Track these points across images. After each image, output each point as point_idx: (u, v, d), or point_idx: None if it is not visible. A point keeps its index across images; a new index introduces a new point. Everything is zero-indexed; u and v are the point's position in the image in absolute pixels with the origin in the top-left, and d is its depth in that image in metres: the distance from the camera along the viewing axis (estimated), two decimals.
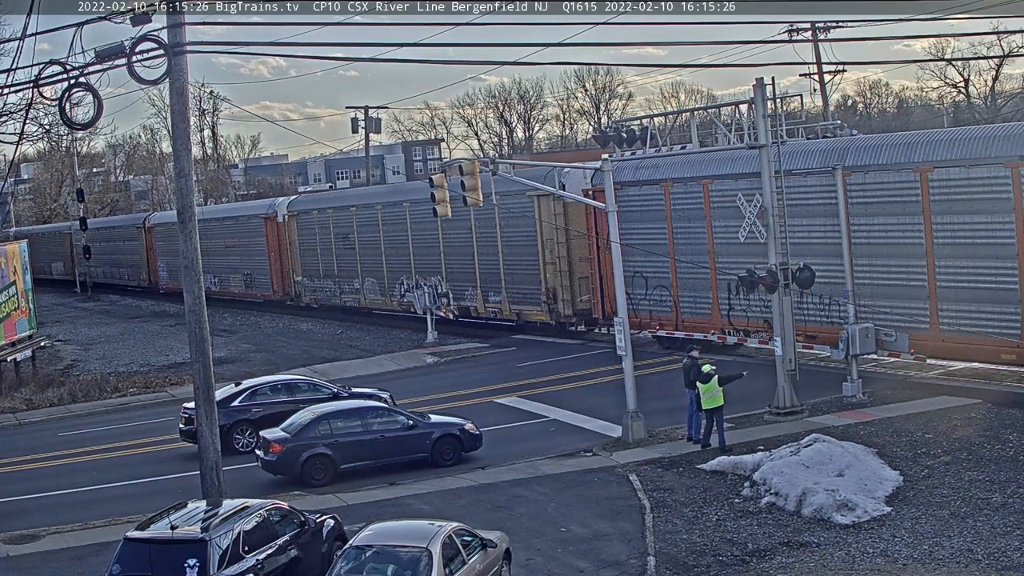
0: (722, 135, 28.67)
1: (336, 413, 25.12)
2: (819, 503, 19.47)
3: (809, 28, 55.98)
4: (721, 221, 32.82)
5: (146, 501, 22.76)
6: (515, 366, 36.63)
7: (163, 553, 15.45)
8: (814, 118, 47.03)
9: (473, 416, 26.88)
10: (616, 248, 26.18)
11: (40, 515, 23.55)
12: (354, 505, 21.92)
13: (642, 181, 35.47)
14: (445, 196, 26.30)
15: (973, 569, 16.56)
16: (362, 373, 37.92)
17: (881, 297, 28.18)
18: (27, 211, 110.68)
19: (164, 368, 43.24)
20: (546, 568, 17.93)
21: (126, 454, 29.25)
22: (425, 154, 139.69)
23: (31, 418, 35.70)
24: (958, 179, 26.11)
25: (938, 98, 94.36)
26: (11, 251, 42.37)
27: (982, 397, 25.96)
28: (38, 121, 43.48)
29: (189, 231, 20.14)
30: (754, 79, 26.13)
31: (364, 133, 71.54)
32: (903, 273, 27.63)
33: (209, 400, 20.29)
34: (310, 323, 53.85)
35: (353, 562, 15.38)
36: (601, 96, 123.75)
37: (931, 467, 21.29)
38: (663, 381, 30.59)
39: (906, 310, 27.54)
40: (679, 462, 23.32)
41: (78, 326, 61.30)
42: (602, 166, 26.44)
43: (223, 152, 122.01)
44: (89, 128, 28.50)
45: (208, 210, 69.06)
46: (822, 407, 26.47)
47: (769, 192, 26.18)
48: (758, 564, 17.55)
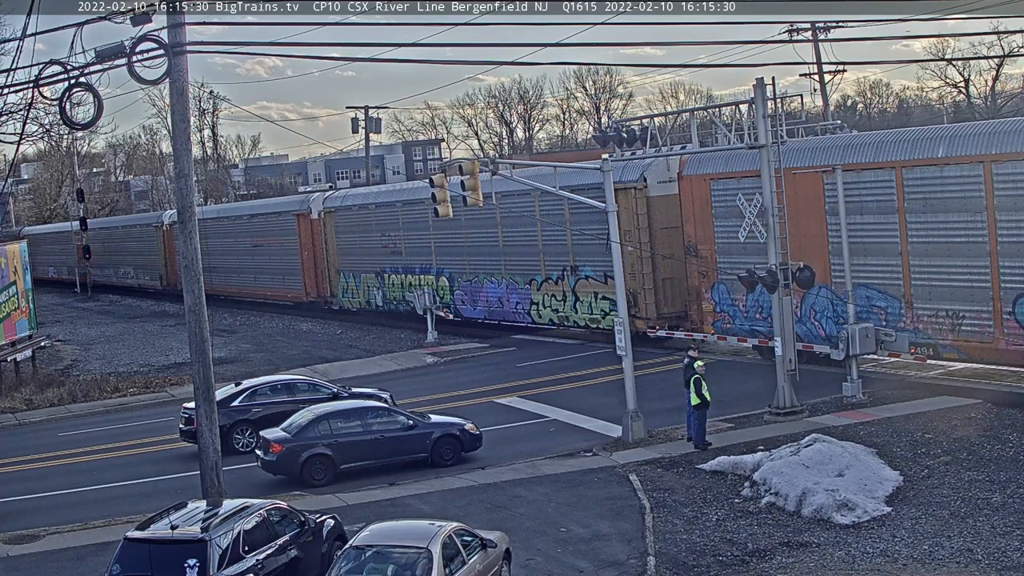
0: (722, 135, 28.66)
1: (336, 413, 25.12)
2: (819, 503, 19.47)
3: (809, 28, 56.03)
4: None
5: (146, 501, 22.80)
6: (515, 366, 36.63)
7: (163, 553, 15.45)
8: (814, 118, 47.08)
9: (473, 416, 26.89)
10: (616, 248, 26.18)
11: (40, 515, 23.56)
12: (354, 505, 21.92)
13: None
14: (446, 196, 26.29)
15: (973, 569, 16.55)
16: (362, 373, 37.92)
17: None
18: (27, 211, 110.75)
19: (164, 368, 43.25)
20: (546, 568, 17.92)
21: (126, 454, 29.25)
22: (425, 154, 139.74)
23: (31, 418, 35.72)
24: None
25: (938, 98, 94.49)
26: (11, 251, 42.38)
27: (982, 397, 25.96)
28: (38, 121, 43.48)
29: (189, 231, 20.14)
30: (754, 79, 26.17)
31: (364, 133, 71.58)
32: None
33: (209, 400, 20.29)
34: (310, 323, 53.82)
35: (353, 562, 15.38)
36: (601, 96, 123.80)
37: (931, 467, 21.29)
38: (663, 381, 30.58)
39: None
40: (679, 462, 23.32)
41: (78, 326, 61.33)
42: (602, 166, 26.42)
43: (223, 152, 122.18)
44: (89, 128, 28.53)
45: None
46: (822, 407, 26.47)
47: (769, 192, 26.18)
48: (758, 564, 17.55)
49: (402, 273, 47.76)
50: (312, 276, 54.94)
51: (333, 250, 52.78)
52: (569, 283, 38.91)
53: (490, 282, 42.81)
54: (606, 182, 26.28)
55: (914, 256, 27.25)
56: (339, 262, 52.39)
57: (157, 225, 72.63)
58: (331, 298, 53.45)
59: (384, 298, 49.02)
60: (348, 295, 51.97)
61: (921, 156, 27.08)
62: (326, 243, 52.99)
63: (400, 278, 47.84)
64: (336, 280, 52.67)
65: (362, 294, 50.87)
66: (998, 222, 25.32)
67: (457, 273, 44.56)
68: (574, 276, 38.66)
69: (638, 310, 35.45)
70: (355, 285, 51.28)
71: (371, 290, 50.07)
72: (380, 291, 49.42)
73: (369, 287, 50.19)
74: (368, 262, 49.92)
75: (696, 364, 24.32)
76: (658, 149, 30.43)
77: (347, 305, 52.29)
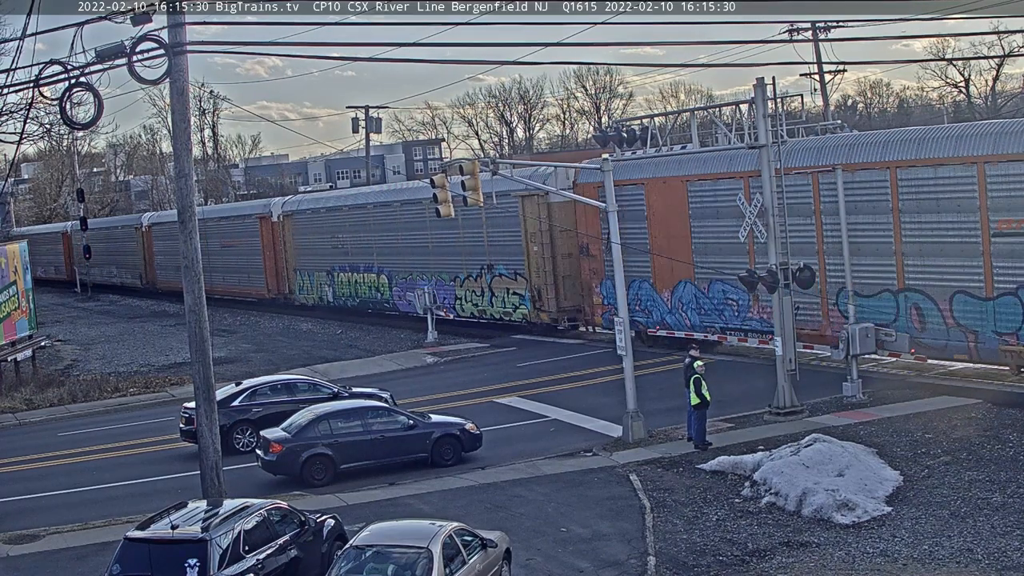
0: (722, 135, 28.67)
1: (336, 413, 25.11)
2: (819, 503, 19.47)
3: (809, 28, 55.99)
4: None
5: (146, 501, 22.79)
6: (515, 366, 36.64)
7: (163, 553, 15.45)
8: (814, 118, 47.06)
9: (473, 416, 26.88)
10: (616, 248, 26.17)
11: (40, 515, 23.56)
12: (354, 505, 21.91)
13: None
14: (447, 196, 26.29)
15: (973, 569, 16.56)
16: (362, 373, 37.92)
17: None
18: (27, 211, 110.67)
19: (164, 368, 43.24)
20: (546, 568, 17.92)
21: (126, 454, 29.25)
22: (426, 154, 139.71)
23: (31, 418, 35.71)
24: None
25: (939, 98, 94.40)
26: (11, 251, 42.38)
27: (982, 397, 25.96)
28: (38, 121, 43.52)
29: (189, 231, 20.16)
30: (754, 79, 26.17)
31: (365, 133, 71.57)
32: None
33: (209, 400, 20.29)
34: (310, 323, 53.85)
35: (353, 562, 15.38)
36: (601, 96, 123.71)
37: (931, 467, 21.29)
38: (663, 381, 30.58)
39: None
40: (679, 462, 23.32)
41: (78, 326, 61.31)
42: (602, 166, 26.43)
43: (223, 152, 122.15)
44: (89, 128, 28.55)
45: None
46: (822, 407, 26.47)
47: (769, 192, 26.18)
48: (758, 564, 17.55)
49: (349, 271, 52.02)
50: (273, 274, 58.63)
51: (291, 250, 56.87)
52: (486, 280, 42.95)
53: (422, 280, 46.38)
54: (606, 182, 26.29)
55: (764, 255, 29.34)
56: (296, 261, 56.49)
57: (137, 227, 75.29)
58: (290, 295, 57.54)
59: (334, 294, 53.36)
60: (304, 292, 56.22)
61: (702, 172, 32.97)
62: (285, 244, 57.12)
63: (347, 276, 52.14)
64: (294, 278, 56.90)
65: (315, 291, 55.16)
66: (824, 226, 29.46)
67: (395, 272, 48.60)
68: (490, 274, 42.74)
69: (542, 304, 40.23)
70: (310, 283, 55.55)
71: (323, 287, 54.33)
72: (331, 288, 53.70)
73: (321, 284, 54.42)
74: (320, 262, 54.25)
75: (696, 364, 24.33)
76: (658, 149, 30.46)
77: (303, 301, 56.30)
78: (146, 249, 73.60)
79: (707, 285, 33.54)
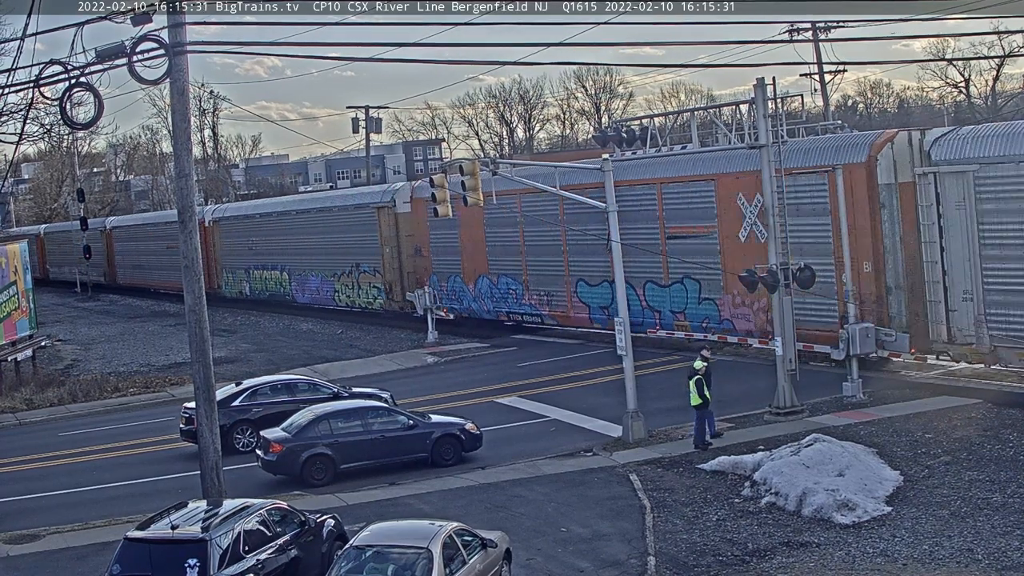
0: (722, 135, 28.67)
1: (336, 413, 25.11)
2: (819, 503, 19.47)
3: (809, 28, 55.95)
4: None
5: (146, 501, 22.79)
6: (515, 366, 36.64)
7: (163, 553, 15.45)
8: (815, 118, 47.04)
9: (473, 416, 26.87)
10: (616, 248, 26.17)
11: (40, 515, 23.56)
12: (354, 505, 21.92)
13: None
14: (446, 196, 26.29)
15: (973, 569, 16.56)
16: (362, 373, 37.93)
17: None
18: (27, 211, 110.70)
19: (164, 368, 43.24)
20: (546, 568, 17.92)
21: (126, 454, 29.26)
22: (426, 154, 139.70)
23: (31, 418, 35.72)
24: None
25: (939, 98, 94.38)
26: (11, 251, 42.37)
27: (982, 397, 25.98)
28: (38, 121, 43.44)
29: (189, 231, 20.15)
30: (754, 79, 26.17)
31: (365, 133, 71.56)
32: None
33: (209, 400, 20.29)
34: (310, 323, 53.88)
35: (353, 562, 15.38)
36: (601, 96, 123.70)
37: (931, 467, 21.30)
38: (663, 381, 30.60)
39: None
40: (679, 462, 23.32)
41: (78, 326, 61.32)
42: (602, 166, 26.42)
43: (223, 152, 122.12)
44: (90, 128, 28.53)
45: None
46: (822, 407, 26.47)
47: (770, 191, 26.19)
48: (758, 564, 17.55)
49: (261, 269, 60.85)
50: (206, 272, 61.03)
51: (219, 251, 65.36)
52: (355, 276, 51.50)
53: (312, 276, 55.58)
54: (607, 182, 26.28)
55: (529, 255, 40.43)
56: (222, 261, 65.26)
57: (102, 230, 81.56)
58: (218, 289, 64.67)
59: (250, 289, 61.97)
60: (229, 287, 64.63)
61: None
62: (215, 246, 65.10)
63: (260, 273, 61.06)
64: (222, 275, 65.42)
65: (237, 285, 63.63)
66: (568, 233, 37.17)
67: (293, 269, 57.25)
68: (358, 271, 51.37)
69: (393, 295, 48.52)
70: (233, 279, 64.21)
71: (242, 283, 62.95)
72: (248, 283, 62.23)
73: (241, 280, 63.19)
74: (240, 261, 62.96)
75: (696, 364, 24.27)
76: (658, 149, 30.47)
77: (228, 294, 64.30)
78: (108, 249, 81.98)
79: (496, 279, 42.06)
